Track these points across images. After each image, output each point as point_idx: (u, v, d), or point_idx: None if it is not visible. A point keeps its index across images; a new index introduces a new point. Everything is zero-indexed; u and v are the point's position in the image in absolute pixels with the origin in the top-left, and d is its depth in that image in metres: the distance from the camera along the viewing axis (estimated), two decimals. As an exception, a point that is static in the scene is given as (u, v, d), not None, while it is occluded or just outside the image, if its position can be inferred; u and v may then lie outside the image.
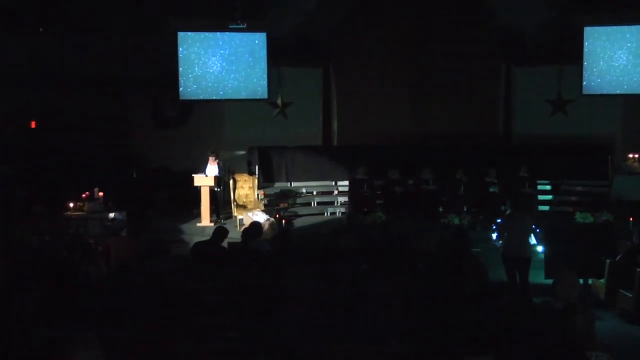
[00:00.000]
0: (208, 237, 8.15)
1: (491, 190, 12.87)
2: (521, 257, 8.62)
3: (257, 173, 14.00)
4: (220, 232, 7.95)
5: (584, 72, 13.70)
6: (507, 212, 10.06)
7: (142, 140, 15.14)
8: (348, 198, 13.61)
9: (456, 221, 11.83)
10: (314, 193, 14.58)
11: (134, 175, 14.33)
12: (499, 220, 9.71)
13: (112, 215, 11.34)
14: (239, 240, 8.36)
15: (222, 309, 5.62)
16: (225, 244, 8.27)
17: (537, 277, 9.11)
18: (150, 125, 15.42)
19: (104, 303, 5.53)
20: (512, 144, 15.23)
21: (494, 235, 9.73)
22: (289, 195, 14.23)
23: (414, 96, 15.32)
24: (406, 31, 15.13)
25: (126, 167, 14.51)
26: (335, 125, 15.80)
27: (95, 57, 14.25)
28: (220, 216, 12.93)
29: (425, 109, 15.30)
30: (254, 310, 5.42)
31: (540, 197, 13.49)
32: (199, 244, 8.01)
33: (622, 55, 13.66)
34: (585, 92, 13.80)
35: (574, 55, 13.80)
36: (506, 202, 11.63)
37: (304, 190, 14.47)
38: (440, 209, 12.64)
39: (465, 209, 12.57)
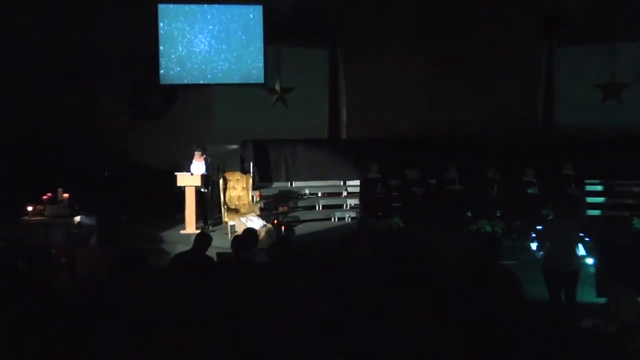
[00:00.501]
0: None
1: (529, 191, 12.80)
2: (567, 271, 8.53)
3: (251, 171, 13.97)
4: (202, 240, 7.92)
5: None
6: (549, 218, 10.00)
7: (115, 133, 15.13)
8: (359, 200, 13.57)
9: (487, 228, 11.77)
10: (319, 195, 14.56)
11: (106, 174, 14.30)
12: (539, 228, 9.63)
13: (78, 220, 11.30)
14: (230, 250, 8.30)
15: (209, 329, 5.57)
16: (213, 255, 8.22)
17: (587, 295, 9.01)
18: (126, 115, 15.42)
19: (69, 324, 5.48)
20: (554, 136, 15.18)
21: (534, 245, 9.65)
22: (290, 197, 14.18)
23: (437, 81, 15.29)
24: (429, 5, 15.10)
25: (96, 164, 14.49)
26: (343, 115, 15.78)
27: (59, 36, 14.23)
28: (208, 222, 12.90)
29: (450, 96, 15.27)
30: (246, 332, 5.37)
31: (589, 200, 13.42)
32: (180, 256, 7.97)
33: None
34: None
35: (630, 31, 13.72)
36: (548, 206, 11.53)
37: (307, 192, 14.44)
38: (468, 214, 12.58)
39: (498, 214, 12.51)
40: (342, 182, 14.70)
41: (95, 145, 14.97)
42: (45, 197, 11.60)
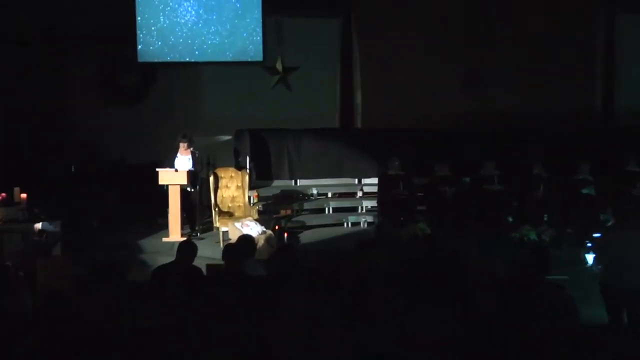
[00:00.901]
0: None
1: (584, 192, 12.75)
2: (630, 288, 8.49)
3: (248, 167, 13.94)
4: (186, 249, 7.91)
5: None
6: (609, 224, 9.95)
7: (84, 120, 15.13)
8: (377, 202, 13.52)
9: (533, 236, 11.72)
10: (329, 195, 14.52)
11: (73, 170, 14.32)
12: (596, 236, 9.58)
13: (39, 226, 11.29)
14: (221, 261, 8.30)
15: (195, 356, 5.58)
16: (202, 267, 8.21)
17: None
18: (96, 98, 15.42)
19: (26, 350, 5.48)
20: (615, 125, 15.11)
21: (589, 257, 9.61)
22: (294, 198, 14.16)
23: (471, 60, 15.26)
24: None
25: (61, 157, 14.51)
26: (358, 100, 15.77)
27: (16, 1, 14.27)
28: (196, 227, 12.89)
29: (487, 77, 15.25)
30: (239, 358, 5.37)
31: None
32: (163, 268, 7.97)
33: None
34: None
35: None
36: (607, 210, 11.46)
37: (314, 192, 14.40)
38: (510, 219, 12.53)
39: (545, 219, 12.45)
40: (356, 181, 14.66)
41: (59, 135, 14.99)
42: (-2, 197, 11.63)
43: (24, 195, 11.66)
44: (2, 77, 14.44)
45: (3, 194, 11.66)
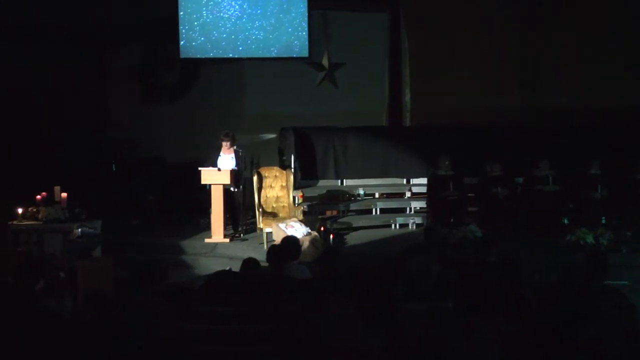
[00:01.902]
0: (220, 258, 8.16)
1: (645, 193, 12.62)
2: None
3: (292, 166, 13.95)
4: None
5: None
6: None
7: (125, 118, 15.30)
8: (426, 203, 13.47)
9: (590, 239, 11.57)
10: (376, 196, 14.50)
11: (114, 169, 14.45)
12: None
13: (78, 232, 11.37)
14: (265, 263, 8.33)
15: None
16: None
17: None
18: (137, 96, 15.57)
19: (67, 354, 5.54)
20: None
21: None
22: (340, 198, 14.15)
23: (524, 54, 15.14)
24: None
25: (102, 156, 14.65)
26: (407, 97, 15.72)
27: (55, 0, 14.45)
28: (239, 228, 12.92)
29: (540, 72, 15.10)
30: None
31: None
32: (219, 276, 7.98)
33: None
34: None
35: None
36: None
37: (361, 192, 14.37)
38: (565, 221, 12.40)
39: (603, 221, 12.30)
40: (405, 181, 14.60)
41: (100, 133, 15.14)
42: (39, 197, 11.74)
43: (64, 195, 11.74)
44: (42, 75, 14.58)
45: (43, 193, 11.78)
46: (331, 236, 12.18)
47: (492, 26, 15.18)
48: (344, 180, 14.63)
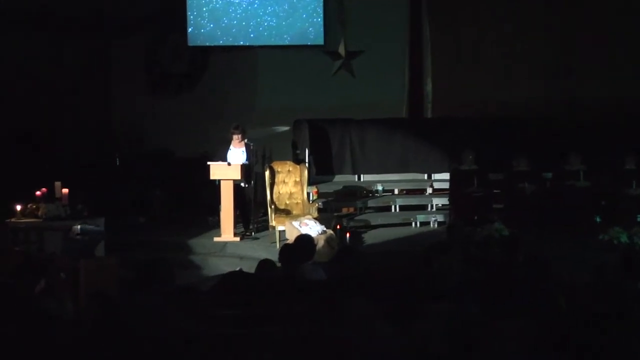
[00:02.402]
0: (230, 257, 8.15)
1: (683, 189, 12.57)
2: None
3: (307, 161, 13.94)
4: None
5: None
6: None
7: (130, 110, 15.32)
8: (449, 200, 13.44)
9: (624, 238, 11.50)
10: (396, 192, 14.49)
11: (117, 163, 14.47)
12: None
13: (78, 228, 11.37)
14: (277, 263, 8.33)
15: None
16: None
17: None
18: (143, 86, 15.60)
19: (69, 355, 5.55)
20: None
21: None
22: (357, 194, 14.15)
23: (553, 42, 15.08)
24: None
25: (105, 150, 14.68)
26: (429, 88, 15.70)
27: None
28: (250, 227, 12.92)
29: (570, 62, 15.06)
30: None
31: None
32: (230, 277, 7.97)
33: None
34: None
35: None
36: None
37: (379, 188, 14.34)
38: (597, 219, 12.35)
39: (638, 219, 12.25)
40: (426, 176, 14.56)
41: (103, 126, 15.17)
42: (38, 193, 11.76)
43: (65, 190, 11.76)
44: (44, 64, 14.60)
45: (43, 189, 11.79)
46: (347, 234, 12.17)
47: (520, 12, 15.11)
48: (361, 176, 14.58)
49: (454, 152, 13.67)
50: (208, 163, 12.50)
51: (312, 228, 11.48)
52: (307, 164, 13.77)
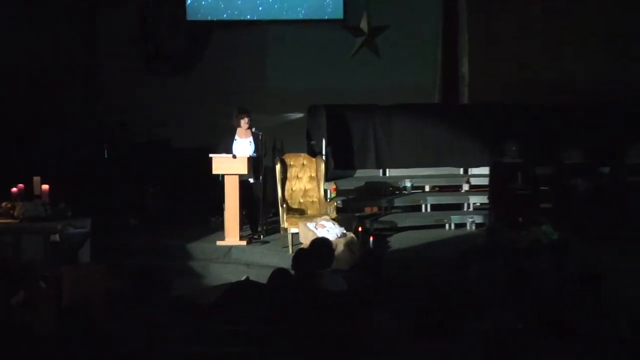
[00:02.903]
0: (235, 264, 8.15)
1: None
2: None
3: (324, 152, 13.93)
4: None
5: None
6: None
7: (120, 93, 15.34)
8: (488, 198, 13.42)
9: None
10: (426, 189, 14.52)
11: (105, 155, 14.51)
12: None
13: (61, 230, 11.40)
14: (290, 271, 8.32)
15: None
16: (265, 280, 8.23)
17: None
18: (135, 67, 15.62)
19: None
20: None
21: None
22: (382, 192, 14.13)
23: (615, 13, 15.02)
24: None
25: (92, 139, 14.70)
26: (465, 68, 15.71)
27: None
28: (259, 229, 12.95)
29: (634, 36, 14.98)
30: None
31: None
32: (236, 288, 7.97)
33: None
34: None
35: None
36: None
37: (407, 184, 14.35)
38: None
39: None
40: (461, 171, 14.60)
41: (89, 111, 15.19)
42: (14, 189, 11.79)
43: (45, 187, 11.78)
44: (19, 39, 14.58)
45: (20, 185, 11.81)
46: (371, 238, 12.20)
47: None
48: (387, 170, 14.60)
49: (495, 143, 13.66)
50: (210, 155, 12.52)
51: (330, 230, 11.50)
52: (324, 157, 13.75)
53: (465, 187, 14.37)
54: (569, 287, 7.32)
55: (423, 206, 14.12)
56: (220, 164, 12.48)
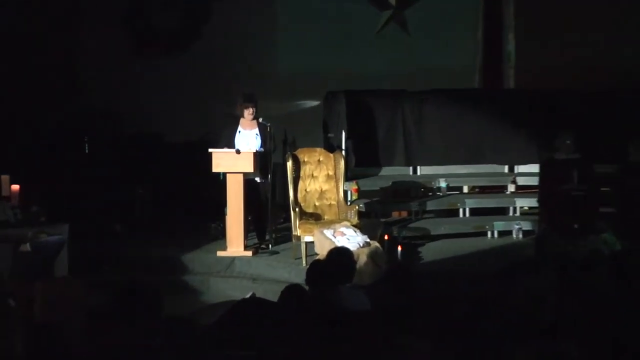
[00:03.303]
0: (239, 278, 8.12)
1: None
2: None
3: (343, 147, 13.94)
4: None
5: None
6: None
7: (104, 78, 15.39)
8: (538, 201, 13.39)
9: None
10: (465, 190, 14.54)
11: (86, 150, 14.55)
12: None
13: (32, 239, 11.43)
14: (304, 286, 8.33)
15: None
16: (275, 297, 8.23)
17: None
18: (122, 48, 15.67)
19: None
20: None
21: None
22: (411, 194, 14.16)
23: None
24: None
25: (70, 131, 14.75)
26: (510, 47, 15.71)
27: None
28: (267, 237, 12.96)
29: None
30: None
31: None
32: (241, 307, 7.98)
33: None
34: None
35: None
36: None
37: (442, 184, 14.34)
38: None
39: None
40: (506, 169, 14.60)
41: (68, 99, 15.24)
42: (-21, 191, 11.88)
43: (15, 187, 11.84)
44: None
45: (-14, 185, 11.91)
46: (399, 248, 12.16)
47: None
48: (418, 168, 14.63)
49: (546, 136, 13.61)
50: (209, 150, 12.53)
51: (351, 239, 11.51)
52: (343, 152, 13.75)
53: (511, 188, 14.39)
54: (632, 306, 7.30)
55: (460, 210, 14.13)
56: (221, 160, 12.48)
